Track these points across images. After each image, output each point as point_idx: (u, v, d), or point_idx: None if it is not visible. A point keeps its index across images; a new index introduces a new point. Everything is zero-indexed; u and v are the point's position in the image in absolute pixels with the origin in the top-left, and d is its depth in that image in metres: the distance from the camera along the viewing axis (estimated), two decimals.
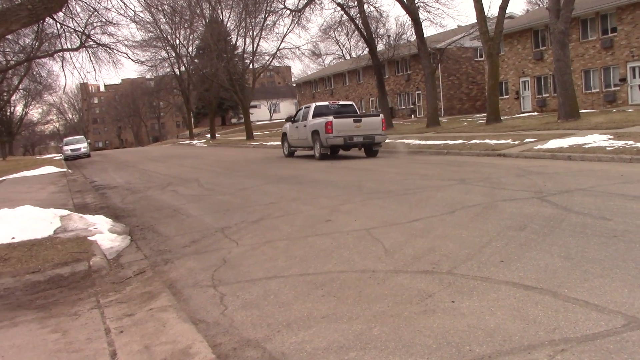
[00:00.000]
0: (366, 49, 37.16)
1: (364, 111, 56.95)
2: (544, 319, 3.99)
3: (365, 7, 33.87)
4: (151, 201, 12.78)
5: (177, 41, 57.41)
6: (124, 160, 33.16)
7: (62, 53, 26.11)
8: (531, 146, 16.64)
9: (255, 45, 48.14)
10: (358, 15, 34.00)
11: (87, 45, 24.73)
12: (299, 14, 37.04)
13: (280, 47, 48.72)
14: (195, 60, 60.75)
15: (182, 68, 61.57)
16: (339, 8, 34.70)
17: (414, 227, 7.36)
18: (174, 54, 58.70)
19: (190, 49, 60.53)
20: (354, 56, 59.71)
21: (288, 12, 38.23)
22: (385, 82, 43.47)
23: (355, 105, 22.70)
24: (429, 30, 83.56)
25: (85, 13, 20.44)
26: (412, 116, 50.21)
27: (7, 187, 18.14)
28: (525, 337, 3.73)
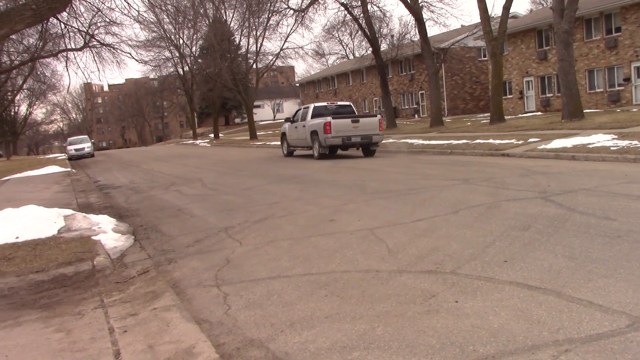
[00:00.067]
0: (369, 49, 37.12)
1: (367, 111, 57.03)
2: (548, 319, 3.98)
3: (369, 7, 33.87)
4: (155, 201, 12.80)
5: (181, 41, 57.53)
6: (128, 160, 33.21)
7: (66, 53, 26.16)
8: (535, 146, 16.61)
9: (259, 45, 48.18)
10: (361, 15, 33.98)
11: (91, 45, 24.78)
12: (303, 13, 37.05)
13: (283, 47, 48.59)
14: (199, 60, 60.84)
15: (186, 68, 61.69)
16: (342, 8, 34.70)
17: (418, 227, 7.36)
18: (177, 54, 58.81)
19: (193, 48, 60.65)
20: (357, 56, 59.72)
21: (291, 12, 38.27)
22: (389, 81, 43.45)
23: (353, 105, 22.87)
24: (432, 30, 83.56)
25: (89, 13, 20.51)
26: (416, 116, 50.17)
27: (11, 187, 18.19)
28: (529, 337, 3.72)
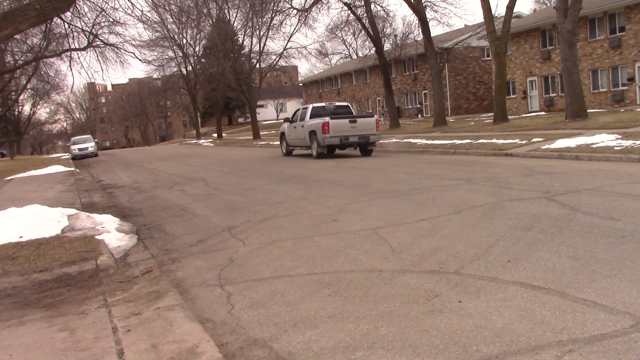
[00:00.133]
0: (373, 49, 37.11)
1: (370, 111, 57.02)
2: (552, 320, 3.98)
3: (372, 6, 33.85)
4: (158, 200, 12.81)
5: (184, 41, 57.52)
6: (131, 160, 33.25)
7: (70, 53, 26.23)
8: (538, 146, 16.58)
9: (262, 45, 48.18)
10: (365, 14, 33.95)
11: (94, 45, 24.83)
12: (306, 13, 37.05)
13: (287, 47, 48.60)
14: (202, 60, 60.83)
15: (189, 67, 61.70)
16: (345, 8, 34.70)
17: (421, 226, 7.35)
18: (181, 54, 58.81)
19: (197, 48, 60.65)
20: (360, 56, 59.59)
21: (295, 11, 38.26)
22: (392, 81, 43.40)
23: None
24: (436, 30, 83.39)
25: (92, 13, 20.52)
26: (419, 116, 50.11)
27: (15, 186, 18.23)
28: (533, 338, 3.71)
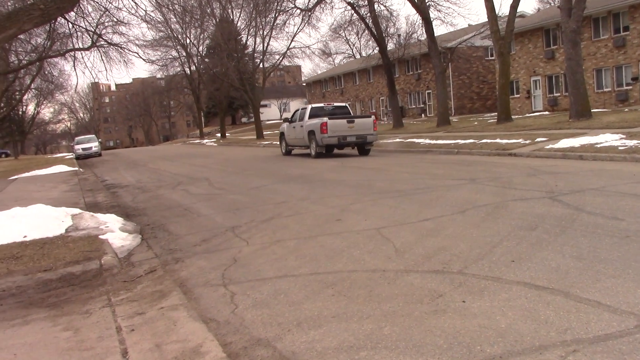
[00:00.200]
0: (376, 48, 37.05)
1: (374, 110, 57.00)
2: (556, 320, 3.97)
3: (376, 6, 33.77)
4: (162, 200, 12.83)
5: (188, 40, 57.66)
6: (135, 159, 33.31)
7: (74, 52, 26.25)
8: (542, 146, 16.55)
9: (266, 45, 48.24)
10: (368, 14, 33.90)
11: (98, 44, 24.85)
12: (309, 13, 37.00)
13: (290, 47, 48.61)
14: (206, 60, 60.94)
15: (193, 67, 61.80)
16: (349, 7, 34.61)
17: (425, 226, 7.34)
18: (184, 54, 58.91)
19: (200, 48, 60.77)
20: (364, 55, 59.65)
21: (298, 11, 38.18)
22: (396, 81, 43.34)
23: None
24: (439, 30, 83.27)
25: (96, 13, 20.52)
26: (423, 115, 50.06)
27: (20, 186, 18.28)
28: (537, 338, 3.71)
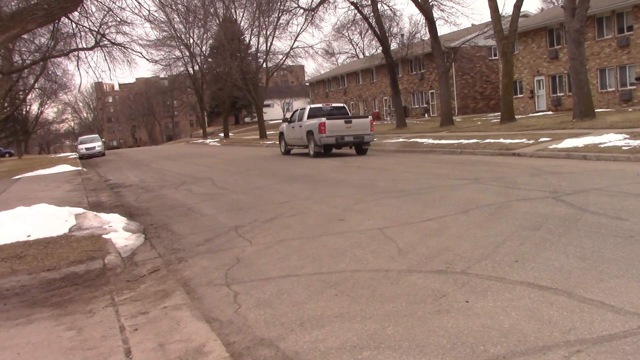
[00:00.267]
0: (379, 48, 37.08)
1: (377, 110, 57.01)
2: (559, 320, 3.96)
3: (379, 6, 33.80)
4: (165, 200, 12.84)
5: (191, 40, 57.69)
6: (138, 159, 33.35)
7: (77, 52, 26.36)
8: (546, 145, 16.52)
9: (269, 44, 48.26)
10: (371, 14, 33.90)
11: (102, 44, 24.94)
12: (313, 13, 37.04)
13: (293, 46, 48.65)
14: (209, 60, 60.95)
15: (196, 67, 61.90)
16: (352, 7, 34.63)
17: (428, 226, 7.34)
18: (187, 53, 59.00)
19: (204, 48, 60.78)
20: (367, 55, 59.60)
21: (301, 11, 38.24)
22: (399, 81, 43.34)
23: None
24: (442, 29, 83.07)
25: (100, 12, 20.62)
26: (426, 115, 50.04)
27: (23, 186, 18.32)
28: (540, 338, 3.70)
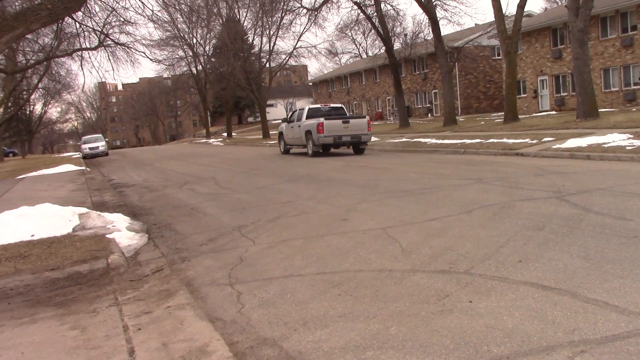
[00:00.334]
0: (383, 48, 37.00)
1: (380, 110, 56.99)
2: (563, 320, 3.95)
3: (382, 5, 33.74)
4: (168, 199, 12.86)
5: (194, 40, 57.78)
6: (142, 159, 33.40)
7: (81, 52, 26.40)
8: (549, 145, 16.49)
9: (272, 44, 48.31)
10: (375, 14, 33.86)
11: (105, 44, 24.96)
12: (316, 12, 36.99)
13: (296, 46, 48.83)
14: (212, 59, 60.98)
15: (199, 67, 61.93)
16: (355, 7, 34.56)
17: (431, 226, 7.33)
18: (191, 53, 59.06)
19: (207, 48, 60.85)
20: (370, 55, 59.52)
21: (305, 11, 38.18)
22: (402, 80, 43.29)
23: (345, 107, 24.29)
24: (446, 29, 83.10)
25: (103, 12, 20.61)
26: (429, 115, 49.98)
27: (27, 185, 18.35)
28: (544, 338, 3.69)
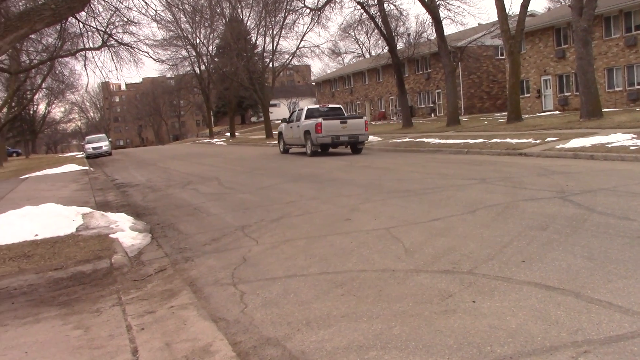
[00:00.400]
0: (386, 48, 36.99)
1: (383, 110, 56.98)
2: (567, 320, 3.95)
3: (385, 5, 33.70)
4: (172, 199, 12.87)
5: (198, 40, 57.84)
6: (145, 159, 33.45)
7: (85, 52, 26.45)
8: (553, 145, 16.46)
9: (275, 44, 48.27)
10: (378, 13, 33.83)
11: (108, 44, 25.02)
12: (319, 12, 36.95)
13: (300, 46, 48.60)
14: (216, 59, 61.08)
15: (202, 67, 62.01)
16: (358, 7, 34.55)
17: (434, 226, 7.32)
18: (194, 53, 59.13)
19: (210, 47, 60.94)
20: (373, 55, 59.57)
21: (308, 10, 38.12)
22: (405, 80, 43.24)
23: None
24: (449, 29, 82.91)
25: (107, 12, 20.70)
26: (432, 115, 49.94)
27: (31, 185, 18.39)
28: (548, 338, 3.69)
